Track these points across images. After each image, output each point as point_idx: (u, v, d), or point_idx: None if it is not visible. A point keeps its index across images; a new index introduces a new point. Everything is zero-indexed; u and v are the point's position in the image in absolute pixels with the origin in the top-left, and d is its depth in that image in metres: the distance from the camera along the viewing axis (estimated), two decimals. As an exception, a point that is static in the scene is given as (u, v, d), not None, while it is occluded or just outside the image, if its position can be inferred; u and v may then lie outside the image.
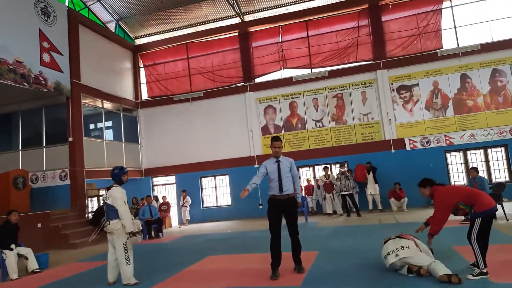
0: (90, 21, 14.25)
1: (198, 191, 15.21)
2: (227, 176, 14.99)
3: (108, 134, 14.95)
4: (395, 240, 4.76)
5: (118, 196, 5.39)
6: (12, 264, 6.80)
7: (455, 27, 13.34)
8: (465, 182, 12.42)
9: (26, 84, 10.75)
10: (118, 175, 5.58)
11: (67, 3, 13.55)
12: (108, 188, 5.62)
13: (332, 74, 14.12)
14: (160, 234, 11.45)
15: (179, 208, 14.85)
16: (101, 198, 13.26)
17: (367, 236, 7.85)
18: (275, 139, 5.35)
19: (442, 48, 13.22)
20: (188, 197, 14.66)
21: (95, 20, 15.00)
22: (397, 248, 4.56)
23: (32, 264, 7.12)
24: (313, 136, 14.16)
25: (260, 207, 13.72)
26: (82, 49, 13.12)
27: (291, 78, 14.54)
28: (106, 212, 5.54)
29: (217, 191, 15.30)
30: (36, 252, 7.58)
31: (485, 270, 4.21)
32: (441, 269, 4.21)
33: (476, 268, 4.31)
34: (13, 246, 7.06)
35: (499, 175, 12.47)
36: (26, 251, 7.19)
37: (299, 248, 5.26)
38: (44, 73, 11.36)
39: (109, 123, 15.21)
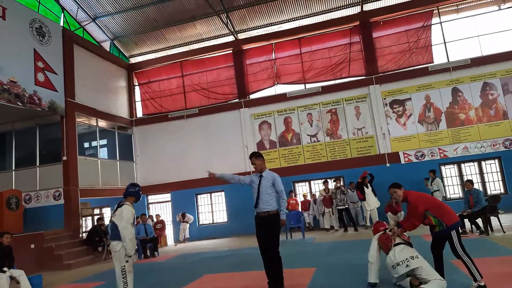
0: (85, 41, 14.36)
1: (194, 208, 15.08)
2: (223, 193, 14.91)
3: (103, 153, 14.88)
4: (402, 248, 4.66)
5: (125, 216, 4.98)
6: (4, 287, 6.63)
7: (444, 42, 13.61)
8: (461, 194, 12.46)
9: (20, 104, 10.73)
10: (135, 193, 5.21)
11: (62, 24, 13.68)
12: (118, 205, 5.24)
13: (325, 90, 14.27)
14: (156, 253, 11.30)
15: (177, 225, 14.62)
16: (95, 217, 13.09)
17: (365, 251, 7.74)
18: (251, 155, 5.29)
19: (433, 62, 13.45)
20: (188, 214, 14.46)
21: (90, 39, 15.12)
22: (407, 259, 4.50)
23: (25, 287, 6.95)
24: (308, 151, 14.20)
25: (257, 223, 13.60)
26: (76, 68, 13.18)
27: (285, 94, 14.66)
28: (111, 230, 5.14)
29: (213, 208, 15.19)
30: (29, 274, 7.41)
31: (482, 283, 4.14)
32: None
33: (473, 281, 4.23)
34: (5, 268, 6.90)
35: (494, 187, 12.53)
36: (18, 273, 7.00)
37: (278, 267, 4.95)
38: (38, 93, 11.37)
39: (104, 141, 15.17)
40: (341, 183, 12.63)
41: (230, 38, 15.74)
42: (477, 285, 4.15)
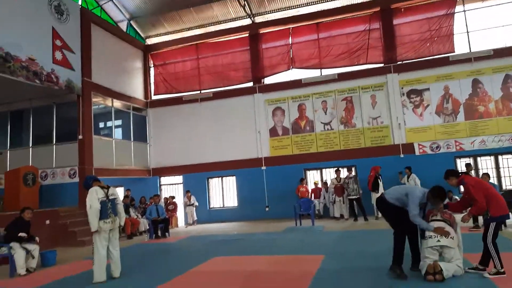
0: (103, 20, 14.36)
1: (205, 191, 15.22)
2: (234, 178, 14.98)
3: (117, 133, 15.01)
4: (438, 223, 4.73)
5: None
6: (20, 260, 6.83)
7: (467, 32, 13.18)
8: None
9: (38, 82, 10.87)
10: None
11: (80, 2, 13.68)
12: (108, 187, 6.13)
13: (341, 77, 14.05)
14: (167, 233, 11.49)
15: (185, 208, 14.79)
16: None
17: (375, 241, 7.78)
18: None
19: (454, 52, 13.07)
20: (193, 196, 14.56)
21: (107, 19, 15.12)
22: (441, 235, 4.59)
23: (32, 263, 7.09)
24: (321, 139, 14.09)
25: (267, 209, 13.71)
26: (93, 48, 13.21)
27: (300, 80, 14.49)
28: (112, 208, 5.93)
29: (223, 192, 15.30)
30: (44, 249, 7.63)
31: (502, 270, 4.38)
32: (449, 268, 4.42)
33: (493, 268, 4.46)
34: (22, 234, 7.07)
35: (510, 182, 12.29)
36: (33, 247, 7.17)
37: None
38: (56, 71, 11.47)
39: (119, 122, 15.29)
40: (353, 173, 12.51)
41: (247, 21, 15.54)
42: (496, 271, 4.41)
